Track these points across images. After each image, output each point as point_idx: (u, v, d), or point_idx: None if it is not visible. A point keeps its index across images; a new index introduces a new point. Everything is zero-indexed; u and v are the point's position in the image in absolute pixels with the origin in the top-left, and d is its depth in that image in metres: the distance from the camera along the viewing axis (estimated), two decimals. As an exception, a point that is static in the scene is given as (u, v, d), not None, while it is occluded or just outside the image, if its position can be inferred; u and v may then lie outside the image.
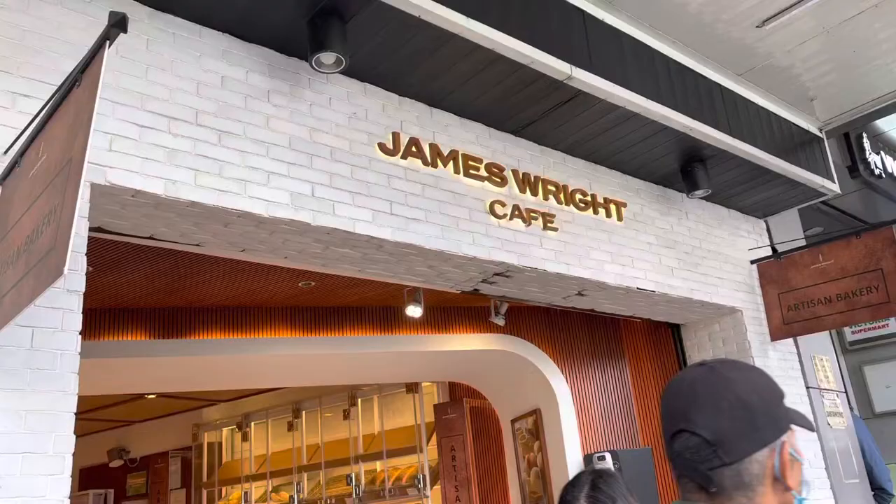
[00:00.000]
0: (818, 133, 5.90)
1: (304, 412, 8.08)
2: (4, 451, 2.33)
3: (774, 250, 5.82)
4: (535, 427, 6.19)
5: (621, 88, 4.19)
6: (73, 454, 2.50)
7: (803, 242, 6.06)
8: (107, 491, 9.75)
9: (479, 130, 4.28)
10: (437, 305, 6.03)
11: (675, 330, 6.09)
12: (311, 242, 3.64)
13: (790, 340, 5.81)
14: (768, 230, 6.20)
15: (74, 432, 2.51)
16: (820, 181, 5.67)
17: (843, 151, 6.95)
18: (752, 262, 5.82)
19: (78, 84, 2.03)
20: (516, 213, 4.28)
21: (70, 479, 2.46)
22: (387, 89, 3.90)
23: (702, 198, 5.41)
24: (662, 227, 5.24)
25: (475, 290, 4.61)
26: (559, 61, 3.86)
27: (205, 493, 8.66)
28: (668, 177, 5.23)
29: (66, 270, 1.63)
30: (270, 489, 8.10)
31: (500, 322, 5.72)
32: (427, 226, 3.84)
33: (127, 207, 3.05)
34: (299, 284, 5.31)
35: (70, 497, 2.48)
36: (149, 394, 7.88)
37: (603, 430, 6.07)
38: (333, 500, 7.43)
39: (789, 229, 6.31)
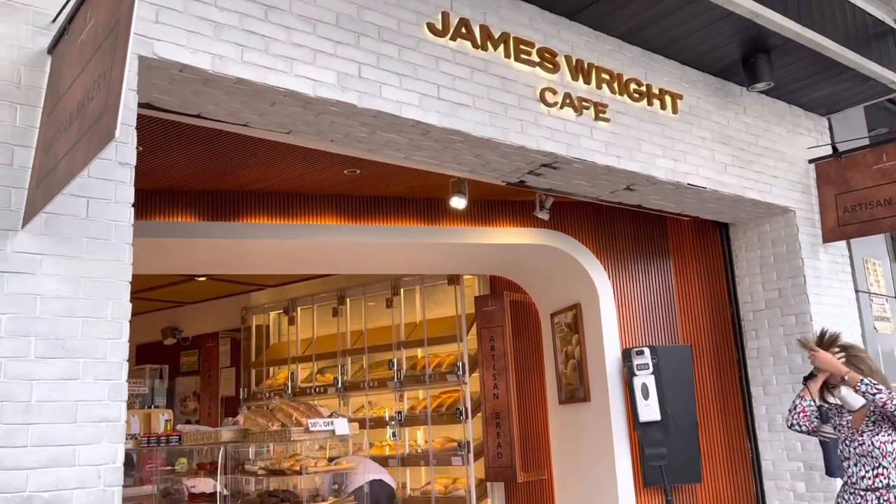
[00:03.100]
0: (893, 24, 5.52)
1: (348, 299, 8.26)
2: (65, 315, 2.43)
3: (835, 149, 5.59)
4: (575, 321, 6.24)
5: (685, -31, 3.95)
6: (130, 327, 2.59)
7: (867, 143, 5.80)
8: (162, 366, 10.29)
9: (532, 12, 4.10)
10: (481, 198, 5.99)
11: (722, 229, 5.98)
12: (357, 126, 3.60)
13: (842, 243, 5.66)
14: (830, 129, 5.94)
15: (130, 301, 2.60)
16: (891, 76, 5.35)
17: (918, 46, 6.51)
18: (811, 161, 5.62)
19: (122, -56, 1.96)
20: (567, 101, 4.16)
21: (128, 345, 2.57)
22: (437, -34, 3.74)
23: (762, 91, 5.17)
24: (718, 121, 5.05)
25: (521, 181, 4.55)
26: (621, -63, 3.64)
27: (253, 372, 9.05)
28: (728, 68, 4.99)
29: (117, 133, 1.63)
30: (316, 371, 8.41)
31: (545, 217, 5.66)
32: (474, 112, 3.76)
33: (175, 83, 3.04)
34: (344, 172, 5.30)
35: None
36: (198, 276, 8.12)
37: (643, 326, 6.09)
38: (375, 383, 7.70)
39: (853, 128, 6.04)
